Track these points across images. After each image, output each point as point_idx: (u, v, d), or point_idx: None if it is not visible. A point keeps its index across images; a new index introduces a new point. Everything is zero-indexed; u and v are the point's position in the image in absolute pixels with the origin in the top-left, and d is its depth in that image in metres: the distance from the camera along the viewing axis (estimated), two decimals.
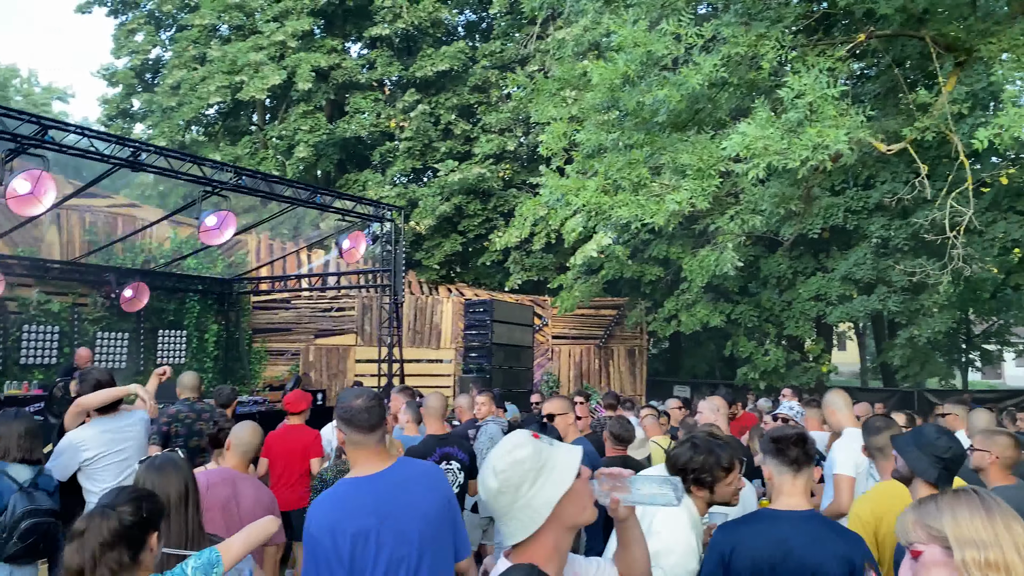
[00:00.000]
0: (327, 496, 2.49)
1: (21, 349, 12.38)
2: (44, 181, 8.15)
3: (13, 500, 3.67)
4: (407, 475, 2.56)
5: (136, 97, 24.68)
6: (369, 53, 22.15)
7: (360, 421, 2.53)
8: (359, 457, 2.55)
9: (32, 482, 3.82)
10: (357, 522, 2.38)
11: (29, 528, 3.62)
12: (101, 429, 4.40)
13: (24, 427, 3.96)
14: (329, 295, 16.70)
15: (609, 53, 7.30)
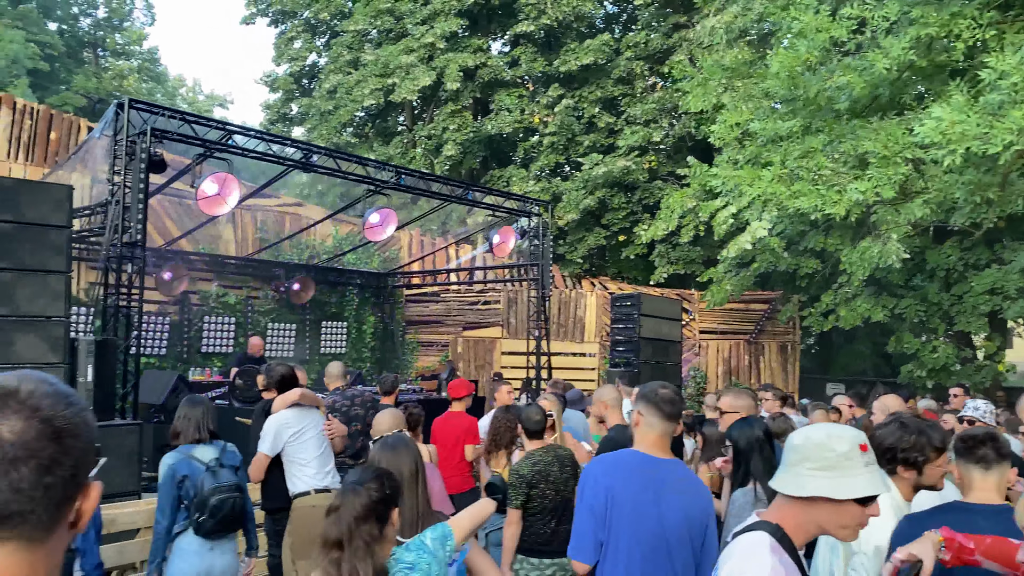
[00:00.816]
0: (604, 458, 2.76)
1: (203, 338, 13.44)
2: (229, 183, 8.81)
3: (201, 479, 4.01)
4: (676, 476, 2.76)
5: (295, 102, 26.13)
6: (513, 50, 22.45)
7: (662, 408, 2.73)
8: (648, 438, 2.75)
9: (217, 461, 4.14)
10: (630, 490, 2.61)
11: (217, 504, 3.94)
12: (296, 412, 4.82)
13: (203, 410, 4.34)
14: (476, 289, 17.10)
15: (783, 39, 7.06)
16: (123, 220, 7.67)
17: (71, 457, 0.94)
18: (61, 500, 0.93)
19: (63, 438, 0.93)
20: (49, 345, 5.98)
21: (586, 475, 2.76)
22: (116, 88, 31.48)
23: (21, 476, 0.89)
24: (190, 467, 4.07)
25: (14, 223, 5.78)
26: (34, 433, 0.91)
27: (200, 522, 3.95)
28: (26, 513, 0.90)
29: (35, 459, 0.90)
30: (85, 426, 0.98)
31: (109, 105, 8.09)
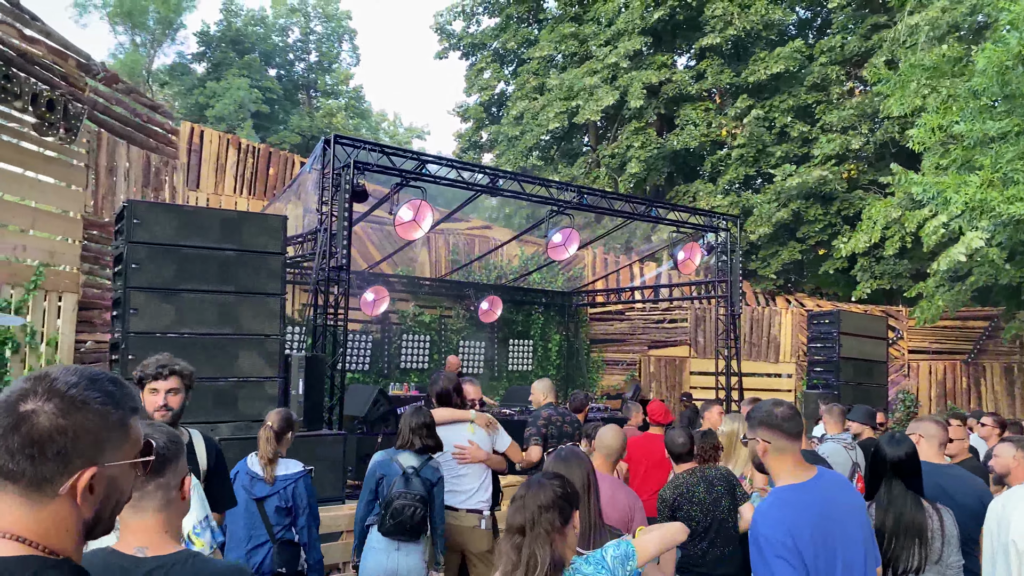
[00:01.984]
0: (775, 502, 2.60)
1: (401, 355, 14.29)
2: (423, 209, 9.35)
3: (396, 482, 4.26)
4: (833, 483, 2.66)
5: (485, 130, 27.22)
6: (698, 64, 22.10)
7: (787, 428, 2.64)
8: (785, 464, 2.65)
9: (415, 470, 4.36)
10: (811, 526, 2.49)
11: (398, 508, 4.17)
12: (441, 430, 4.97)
13: (418, 421, 4.57)
14: (662, 306, 16.89)
15: (996, 33, 6.46)
16: (330, 246, 8.36)
17: (65, 437, 1.13)
18: (50, 471, 1.13)
19: (66, 416, 1.14)
20: (266, 360, 6.63)
21: (755, 534, 2.62)
22: (326, 125, 34.30)
23: (13, 442, 1.11)
24: (389, 468, 4.37)
25: (237, 251, 6.48)
26: (40, 408, 1.13)
27: (382, 521, 4.22)
28: (16, 473, 1.12)
29: (30, 432, 1.11)
30: (95, 414, 1.17)
31: (319, 141, 8.88)
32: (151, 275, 6.08)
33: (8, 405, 1.14)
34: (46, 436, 1.12)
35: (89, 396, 1.16)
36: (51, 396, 1.14)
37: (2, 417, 1.13)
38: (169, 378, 3.29)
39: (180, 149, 11.55)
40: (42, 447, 1.12)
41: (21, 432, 1.11)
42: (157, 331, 6.08)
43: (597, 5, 23.32)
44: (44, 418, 1.12)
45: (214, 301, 6.35)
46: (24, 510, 1.13)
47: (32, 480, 1.12)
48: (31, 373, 1.18)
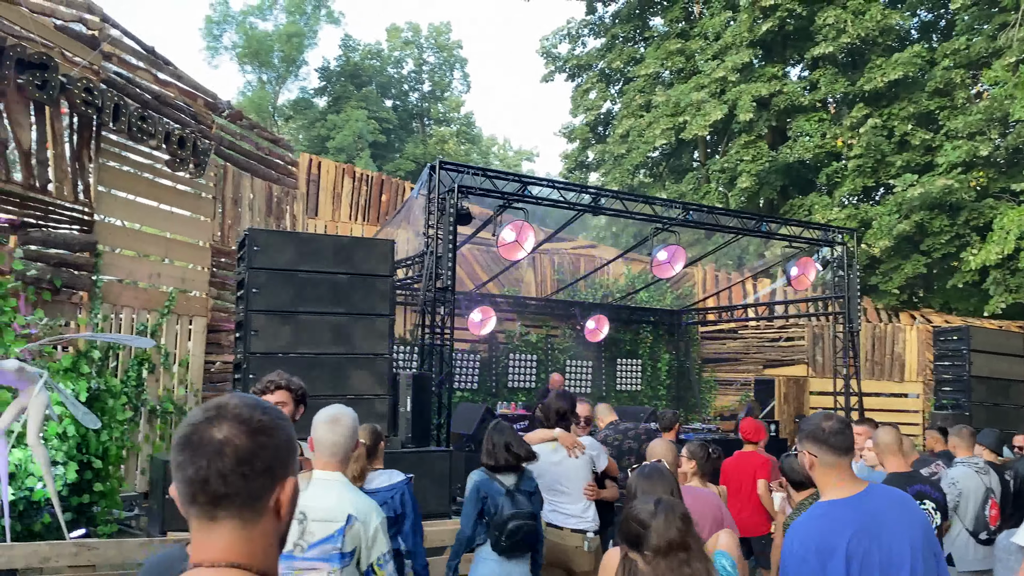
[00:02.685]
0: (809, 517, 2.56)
1: (508, 374, 14.48)
2: (525, 230, 9.52)
3: (501, 502, 4.34)
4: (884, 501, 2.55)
5: (591, 149, 27.31)
6: (811, 74, 21.45)
7: (834, 443, 2.57)
8: (830, 479, 2.58)
9: (516, 486, 4.46)
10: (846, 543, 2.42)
11: (514, 529, 4.25)
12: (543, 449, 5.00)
13: (508, 439, 4.67)
14: (777, 324, 16.39)
15: None
16: (436, 268, 8.65)
17: (265, 453, 1.22)
18: (260, 489, 1.21)
19: (257, 436, 1.21)
20: (376, 379, 6.92)
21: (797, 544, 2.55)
22: (439, 152, 35.31)
23: (225, 464, 1.18)
24: (491, 487, 4.47)
25: (349, 274, 6.83)
26: (234, 432, 1.20)
27: (497, 541, 4.32)
28: (232, 495, 1.19)
29: (235, 452, 1.19)
30: (278, 430, 1.25)
31: (426, 168, 9.23)
32: (270, 298, 6.49)
33: (202, 436, 1.20)
34: (251, 454, 1.20)
35: (266, 418, 1.25)
36: (237, 421, 1.21)
37: (203, 447, 1.19)
38: (276, 392, 3.52)
39: (299, 179, 12.22)
40: (251, 464, 1.19)
41: (227, 455, 1.18)
42: (276, 351, 6.47)
43: (704, 20, 23.08)
44: (243, 439, 1.20)
45: (328, 322, 6.71)
46: (237, 534, 1.19)
47: (246, 498, 1.19)
48: (204, 405, 1.27)
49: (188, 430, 1.22)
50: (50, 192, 7.40)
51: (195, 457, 1.19)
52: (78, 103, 7.42)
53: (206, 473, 1.18)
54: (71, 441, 6.61)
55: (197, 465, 1.18)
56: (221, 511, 1.19)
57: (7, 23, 6.91)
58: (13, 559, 3.99)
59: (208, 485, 1.18)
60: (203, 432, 1.20)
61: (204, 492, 1.18)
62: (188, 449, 1.20)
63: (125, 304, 8.32)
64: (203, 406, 1.26)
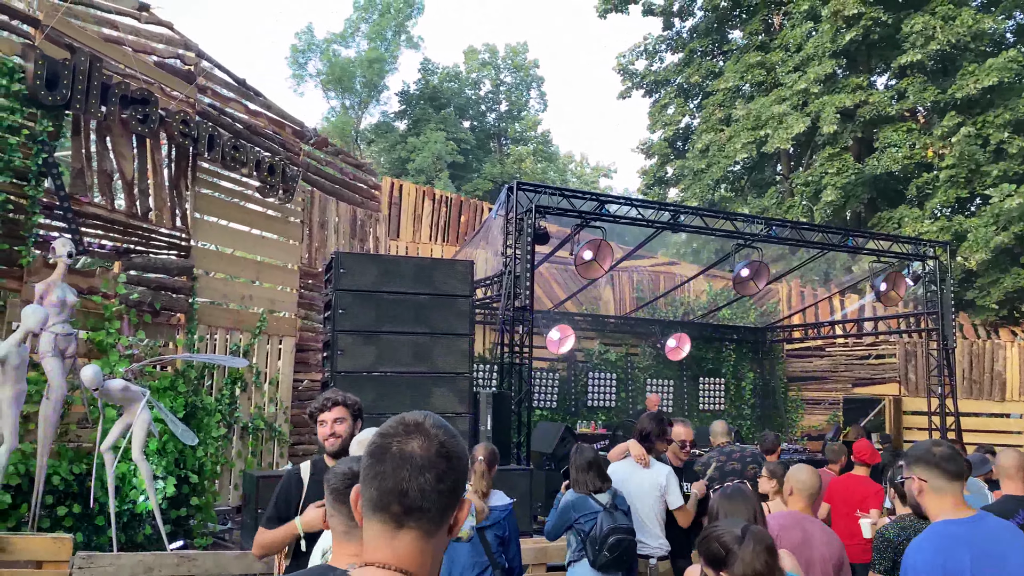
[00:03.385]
0: (929, 535, 2.55)
1: (588, 393, 14.43)
2: (603, 248, 9.53)
3: (600, 518, 4.38)
4: (996, 525, 2.53)
5: (669, 165, 27.08)
6: (898, 83, 20.77)
7: (946, 468, 2.58)
8: (944, 505, 2.58)
9: (612, 503, 4.50)
10: (971, 560, 2.41)
11: (614, 543, 4.28)
12: (624, 466, 5.07)
13: (587, 459, 4.73)
14: (866, 341, 15.84)
15: None
16: (514, 287, 8.74)
17: (455, 473, 1.30)
18: (447, 505, 1.29)
19: (451, 458, 1.30)
20: (457, 397, 7.04)
21: (906, 566, 2.51)
22: (516, 171, 35.60)
23: (426, 480, 1.26)
24: (587, 504, 4.53)
25: (430, 295, 6.98)
26: (434, 452, 1.28)
27: (597, 556, 4.35)
28: (425, 510, 1.26)
29: (435, 470, 1.27)
30: (464, 453, 1.34)
31: (504, 188, 9.36)
32: (355, 319, 6.70)
33: (403, 450, 1.27)
34: (445, 474, 1.27)
35: (454, 440, 1.32)
36: (436, 441, 1.29)
37: (406, 461, 1.26)
38: (333, 409, 3.64)
39: (382, 202, 12.55)
40: (445, 482, 1.27)
41: (429, 471, 1.25)
42: (360, 370, 6.66)
43: (784, 32, 22.66)
44: (441, 460, 1.27)
45: (410, 342, 6.87)
46: (417, 544, 1.26)
47: (435, 515, 1.26)
48: (396, 421, 1.34)
49: (388, 442, 1.30)
50: (150, 219, 7.82)
51: (397, 469, 1.26)
52: (176, 135, 7.84)
53: (407, 486, 1.25)
54: (169, 456, 6.94)
55: (398, 477, 1.26)
56: (411, 521, 1.26)
57: (112, 62, 7.38)
58: (120, 568, 4.22)
59: (406, 497, 1.25)
60: (404, 446, 1.28)
61: (401, 503, 1.25)
62: (389, 460, 1.27)
63: (219, 325, 8.70)
64: (399, 421, 1.34)
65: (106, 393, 5.41)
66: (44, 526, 5.79)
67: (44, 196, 6.70)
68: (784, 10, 23.58)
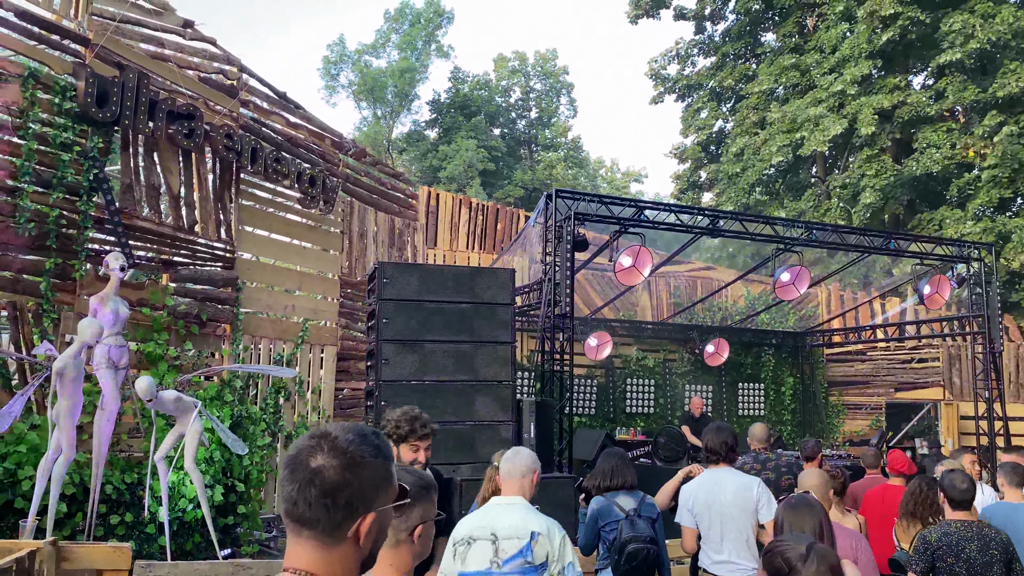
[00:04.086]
0: None
1: (626, 399, 14.36)
2: (642, 255, 9.48)
3: (620, 526, 4.35)
4: None
5: (703, 169, 26.92)
6: (937, 83, 20.46)
7: None
8: None
9: (635, 511, 4.44)
10: None
11: (632, 552, 4.23)
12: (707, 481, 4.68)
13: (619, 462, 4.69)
14: (908, 345, 15.57)
15: None
16: (554, 295, 8.74)
17: (351, 489, 1.31)
18: (341, 519, 1.31)
19: (347, 471, 1.31)
20: (500, 405, 7.04)
21: None
22: (546, 177, 35.59)
23: (311, 494, 1.29)
24: (611, 512, 4.49)
25: (471, 303, 7.00)
26: (328, 464, 1.30)
27: (617, 565, 4.32)
28: (313, 521, 1.30)
29: (324, 484, 1.29)
30: (371, 467, 1.34)
31: (541, 194, 9.37)
32: (398, 328, 6.74)
33: (300, 462, 1.31)
34: (336, 488, 1.29)
35: (365, 452, 1.34)
36: (336, 453, 1.31)
37: (298, 472, 1.30)
38: (429, 437, 3.64)
39: (419, 211, 12.64)
40: (334, 498, 1.29)
41: (316, 485, 1.28)
42: (404, 378, 6.70)
43: (819, 34, 22.45)
44: (333, 472, 1.30)
45: (452, 350, 6.89)
46: (318, 552, 1.31)
47: (326, 527, 1.30)
48: (312, 431, 1.37)
49: (293, 452, 1.35)
50: (196, 232, 7.96)
51: (291, 479, 1.31)
52: (220, 148, 7.98)
53: (296, 497, 1.30)
54: (217, 465, 7.04)
55: (290, 487, 1.31)
56: (305, 531, 1.31)
57: (159, 78, 7.53)
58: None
59: (296, 507, 1.30)
60: (303, 457, 1.31)
61: (291, 513, 1.31)
62: (287, 470, 1.33)
63: (263, 335, 8.81)
64: (312, 431, 1.38)
65: (160, 404, 5.51)
66: (98, 535, 5.91)
67: (95, 211, 6.86)
68: (818, 12, 23.36)
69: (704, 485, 4.52)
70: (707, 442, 4.65)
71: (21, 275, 6.39)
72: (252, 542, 7.50)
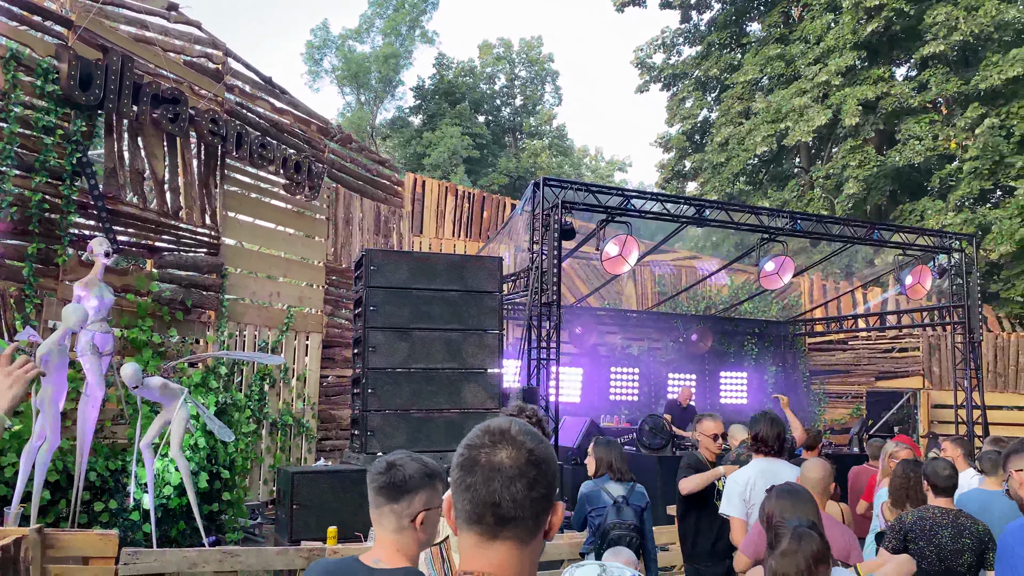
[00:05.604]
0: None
1: (611, 387, 14.41)
2: (629, 244, 9.51)
3: (607, 512, 4.39)
4: None
5: (688, 159, 26.96)
6: (920, 74, 20.60)
7: None
8: None
9: (624, 499, 4.48)
10: None
11: (614, 539, 4.27)
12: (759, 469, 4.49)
13: (618, 452, 4.74)
14: (889, 335, 15.74)
15: None
16: (541, 283, 8.74)
17: (545, 479, 1.28)
18: (540, 511, 1.27)
19: (540, 465, 1.28)
20: (487, 393, 7.05)
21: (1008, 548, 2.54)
22: (531, 165, 35.52)
23: (517, 490, 1.25)
24: (599, 497, 4.53)
25: (460, 291, 7.00)
26: (523, 460, 1.26)
27: (599, 550, 4.35)
28: (519, 519, 1.25)
29: (525, 478, 1.25)
30: (552, 459, 1.32)
31: (526, 181, 9.36)
32: (386, 316, 6.72)
33: (492, 461, 1.25)
34: (536, 481, 1.25)
35: (541, 446, 1.30)
36: (523, 448, 1.27)
37: (496, 472, 1.25)
38: None
39: (405, 199, 12.58)
40: (536, 490, 1.25)
41: (519, 480, 1.24)
42: (393, 367, 6.68)
43: (804, 24, 22.51)
44: (529, 467, 1.25)
45: (440, 338, 6.89)
46: (513, 552, 1.25)
47: (530, 521, 1.25)
48: (480, 430, 1.32)
49: (476, 453, 1.28)
50: (181, 218, 7.88)
51: (488, 480, 1.25)
52: (205, 133, 7.89)
53: (499, 497, 1.24)
54: (201, 452, 7.00)
55: (490, 488, 1.25)
56: (506, 531, 1.26)
57: (143, 62, 7.43)
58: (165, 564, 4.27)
59: (499, 508, 1.24)
60: (492, 456, 1.26)
61: (494, 514, 1.25)
62: (479, 472, 1.26)
63: (248, 322, 8.75)
64: (484, 430, 1.32)
65: (146, 390, 5.46)
66: (82, 522, 5.86)
67: (78, 195, 6.77)
68: (803, 2, 23.42)
69: (765, 475, 4.26)
70: (759, 432, 4.45)
71: (3, 260, 6.30)
72: (237, 529, 7.47)
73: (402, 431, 6.65)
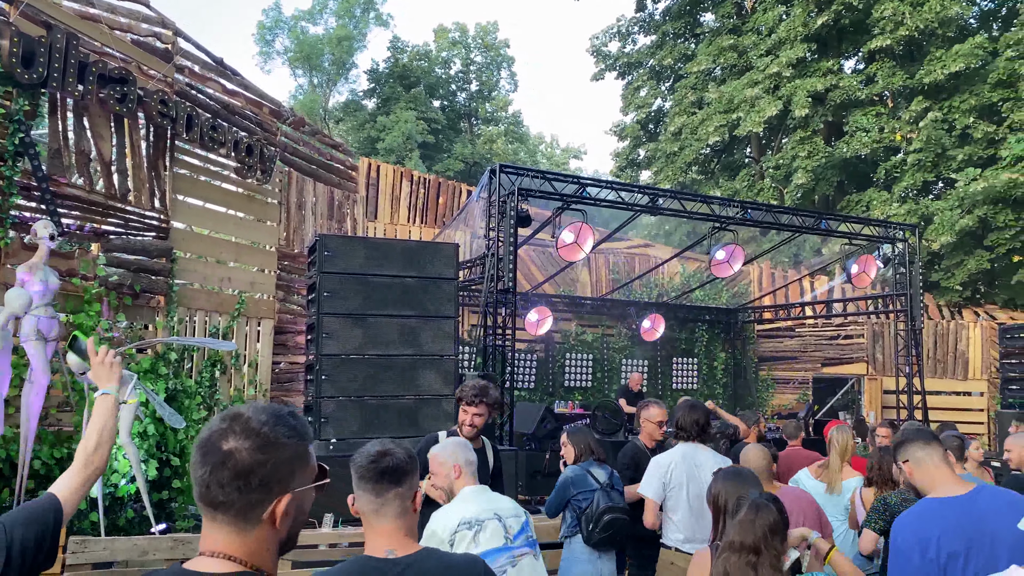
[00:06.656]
0: (913, 513, 2.63)
1: (565, 373, 14.55)
2: (584, 231, 9.58)
3: (596, 496, 4.44)
4: (991, 503, 2.56)
5: (642, 147, 27.19)
6: (867, 68, 21.07)
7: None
8: (936, 479, 2.66)
9: (609, 483, 4.55)
10: (947, 540, 2.47)
11: (609, 521, 4.33)
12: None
13: (592, 437, 4.79)
14: (835, 322, 16.15)
15: None
16: (497, 270, 8.76)
17: (264, 470, 1.29)
18: (254, 501, 1.29)
19: (260, 452, 1.29)
20: (443, 379, 7.06)
21: (900, 540, 2.61)
22: (487, 151, 35.44)
23: (223, 475, 1.27)
24: (586, 481, 4.56)
25: (416, 278, 6.98)
26: (241, 445, 1.29)
27: (591, 533, 4.39)
28: (227, 504, 1.28)
29: (235, 467, 1.28)
30: (285, 447, 1.32)
31: (481, 168, 9.37)
32: (341, 302, 6.67)
33: (212, 444, 1.29)
34: (249, 470, 1.27)
35: (279, 432, 1.32)
36: (248, 434, 1.29)
37: (209, 455, 1.28)
38: (479, 405, 4.11)
39: (359, 183, 12.44)
40: (247, 479, 1.27)
41: (228, 467, 1.27)
42: (347, 353, 6.64)
43: (756, 16, 22.83)
44: (246, 454, 1.28)
45: (396, 324, 6.87)
46: (233, 535, 1.29)
47: (240, 509, 1.28)
48: (225, 412, 1.35)
49: (204, 435, 1.32)
50: (129, 201, 7.68)
51: (203, 462, 1.29)
52: (154, 114, 7.69)
53: (208, 480, 1.28)
54: (151, 440, 6.88)
55: (202, 471, 1.29)
56: (219, 514, 1.29)
57: (89, 40, 7.21)
58: (115, 552, 4.20)
59: (208, 491, 1.28)
60: (215, 440, 1.30)
61: (204, 497, 1.29)
62: (199, 453, 1.31)
63: (198, 307, 8.59)
64: (222, 413, 1.36)
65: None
66: None
67: (21, 177, 6.56)
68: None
69: (686, 460, 4.39)
70: (678, 419, 4.57)
71: None
72: (187, 516, 7.37)
73: (356, 418, 6.62)
